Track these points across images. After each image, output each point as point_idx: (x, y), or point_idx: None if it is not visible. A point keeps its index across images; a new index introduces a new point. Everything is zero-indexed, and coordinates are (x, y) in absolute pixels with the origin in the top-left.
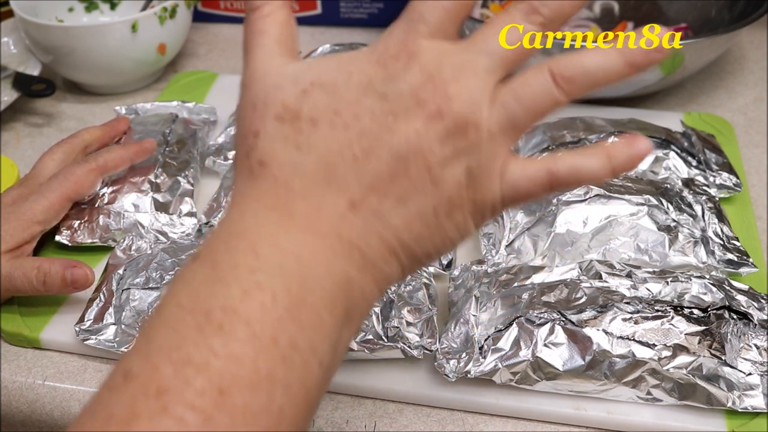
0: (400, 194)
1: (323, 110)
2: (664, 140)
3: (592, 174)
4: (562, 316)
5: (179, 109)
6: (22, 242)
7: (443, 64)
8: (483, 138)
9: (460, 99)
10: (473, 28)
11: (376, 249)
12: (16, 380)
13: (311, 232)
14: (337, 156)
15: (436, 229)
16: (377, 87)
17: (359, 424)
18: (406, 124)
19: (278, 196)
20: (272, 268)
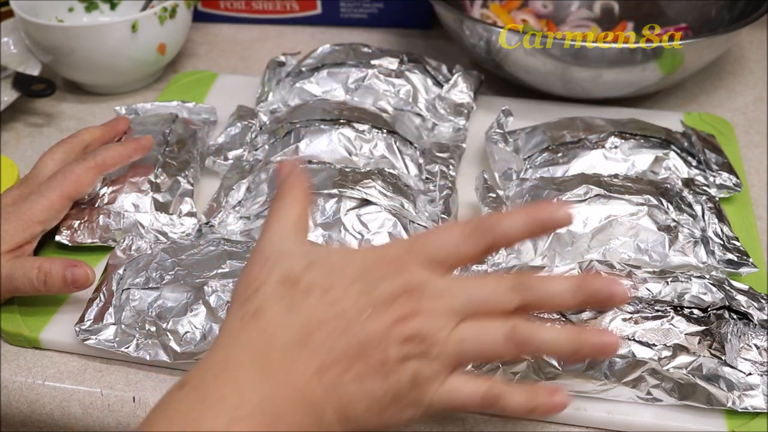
0: (359, 374)
1: (319, 284)
2: (664, 140)
3: (516, 409)
4: (562, 316)
5: (179, 109)
6: (22, 242)
7: (424, 287)
8: (434, 354)
9: (425, 317)
10: (473, 28)
11: (330, 415)
12: (16, 380)
13: (285, 384)
14: (317, 325)
15: (378, 412)
16: (367, 281)
17: None
18: (377, 319)
19: (261, 345)
20: (253, 407)
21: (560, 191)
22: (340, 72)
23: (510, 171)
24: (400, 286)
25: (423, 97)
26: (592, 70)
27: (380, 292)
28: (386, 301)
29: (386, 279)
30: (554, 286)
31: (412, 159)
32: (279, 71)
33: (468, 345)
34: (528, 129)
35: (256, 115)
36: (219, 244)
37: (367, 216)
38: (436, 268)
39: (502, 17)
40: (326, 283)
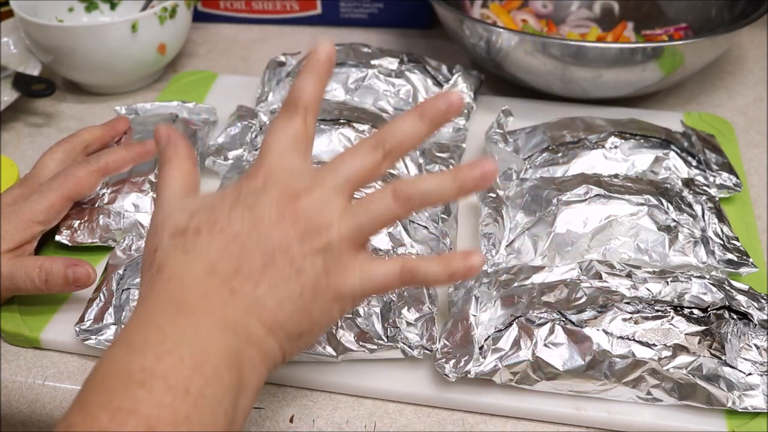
0: (271, 282)
1: (204, 222)
2: (664, 140)
3: (435, 277)
4: (562, 316)
5: (179, 109)
6: (22, 242)
7: (296, 180)
8: (334, 238)
9: (312, 207)
10: (473, 28)
11: (257, 328)
12: (16, 380)
13: (203, 315)
14: (217, 254)
15: (304, 311)
16: (245, 199)
17: (359, 424)
18: (270, 227)
19: (172, 289)
20: (176, 339)
21: (560, 191)
22: (340, 72)
23: (510, 171)
24: (275, 188)
25: (423, 97)
26: (592, 70)
27: (261, 203)
28: (271, 208)
29: (261, 190)
30: (403, 126)
31: (412, 159)
32: (279, 71)
33: (361, 218)
34: (528, 129)
35: (256, 115)
36: None
37: None
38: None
39: (502, 17)
40: (210, 219)
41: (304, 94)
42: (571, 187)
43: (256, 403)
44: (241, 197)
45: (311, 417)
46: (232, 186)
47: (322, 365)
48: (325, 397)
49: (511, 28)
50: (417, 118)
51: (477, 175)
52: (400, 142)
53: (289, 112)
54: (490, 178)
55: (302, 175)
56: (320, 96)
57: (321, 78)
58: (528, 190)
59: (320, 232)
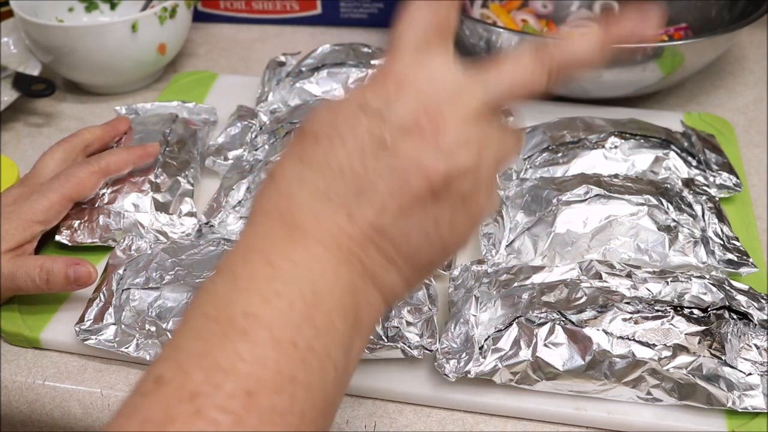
0: (400, 208)
1: (325, 126)
2: (664, 140)
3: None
4: (562, 316)
5: (179, 109)
6: (23, 242)
7: (436, 92)
8: (483, 161)
9: (456, 124)
10: (473, 28)
11: (375, 258)
12: (16, 380)
13: (315, 242)
14: (337, 170)
15: (436, 239)
16: (373, 106)
17: (359, 424)
18: (404, 143)
19: (282, 207)
20: (287, 277)
21: (560, 191)
22: (340, 72)
23: (510, 171)
24: (413, 101)
25: None
26: (592, 70)
27: (395, 116)
28: (406, 121)
29: (394, 100)
30: (579, 47)
31: None
32: (279, 71)
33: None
34: (528, 129)
35: (256, 115)
36: (219, 244)
37: None
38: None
39: (502, 17)
40: (331, 122)
41: None
42: (571, 187)
43: None
44: (369, 103)
45: None
46: (359, 88)
47: None
48: None
49: (511, 28)
50: (598, 44)
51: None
52: (568, 64)
53: None
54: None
55: (444, 79)
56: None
57: None
58: (528, 190)
59: (468, 152)
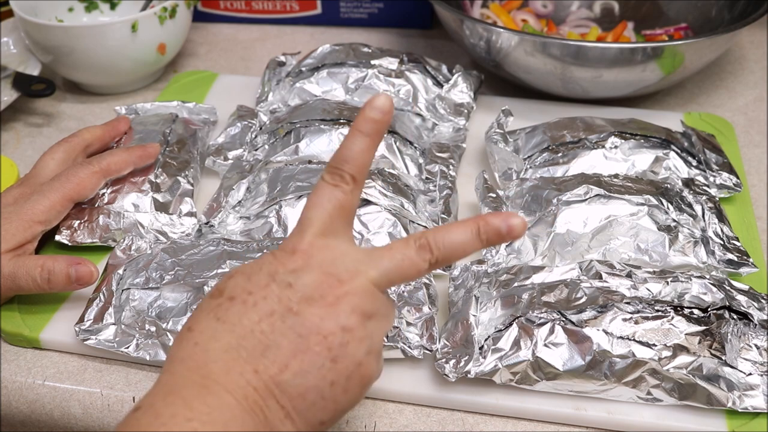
0: (300, 368)
1: (240, 290)
2: (664, 140)
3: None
4: (562, 316)
5: (179, 109)
6: (23, 241)
7: (337, 267)
8: (374, 331)
9: (353, 297)
10: (473, 28)
11: (275, 411)
12: (16, 380)
13: (225, 392)
14: (248, 330)
15: (330, 400)
16: (282, 276)
17: (359, 424)
18: (308, 310)
19: (197, 358)
20: (204, 419)
21: (560, 191)
22: (340, 72)
23: (510, 171)
24: (316, 272)
25: (423, 97)
26: (592, 70)
27: (300, 284)
28: (310, 291)
29: (300, 270)
30: (457, 236)
31: (412, 159)
32: (279, 71)
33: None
34: (528, 129)
35: (256, 115)
36: (219, 244)
37: (367, 216)
38: (330, 231)
39: (502, 17)
40: (245, 289)
41: (353, 158)
42: (571, 187)
43: None
44: (278, 273)
45: None
46: (269, 257)
47: None
48: None
49: (511, 28)
50: (474, 234)
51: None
52: (449, 253)
53: (333, 177)
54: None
55: (344, 258)
56: (370, 161)
57: (373, 140)
58: (528, 190)
59: (363, 322)
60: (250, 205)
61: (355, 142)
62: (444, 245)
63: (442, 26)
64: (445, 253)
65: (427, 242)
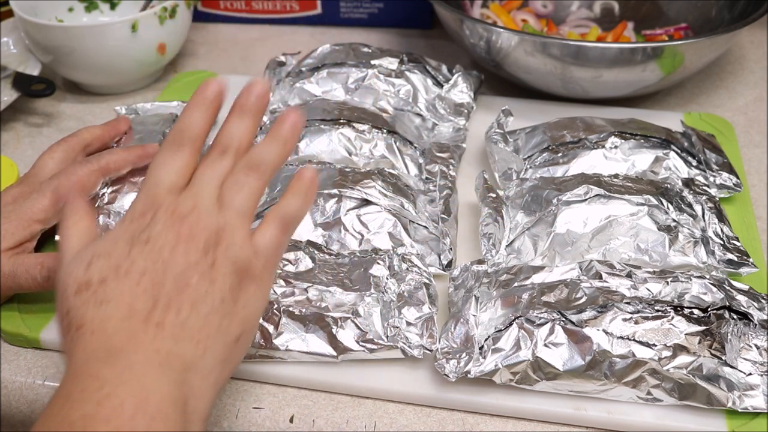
0: (191, 301)
1: (106, 270)
2: (664, 140)
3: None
4: (562, 316)
5: (179, 109)
6: (22, 240)
7: (178, 205)
8: (234, 237)
9: (201, 221)
10: (473, 28)
11: (190, 350)
12: (16, 380)
13: (135, 353)
14: (131, 296)
15: (231, 314)
16: (138, 237)
17: (359, 424)
18: (172, 252)
19: (98, 340)
20: (114, 382)
21: (560, 191)
22: (340, 72)
23: (510, 171)
24: (165, 220)
25: (423, 97)
26: (592, 70)
27: (155, 234)
28: (165, 236)
29: (150, 224)
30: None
31: (412, 159)
32: (279, 71)
33: (241, 205)
34: (528, 129)
35: None
36: None
37: (367, 216)
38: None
39: (502, 17)
40: (111, 265)
41: (193, 127)
42: (571, 187)
43: (256, 404)
44: (134, 236)
45: (311, 417)
46: (121, 229)
47: (322, 365)
48: (325, 397)
49: (511, 28)
50: (240, 116)
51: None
52: (240, 141)
53: (175, 145)
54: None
55: (180, 200)
56: (207, 130)
57: (210, 112)
58: (528, 190)
59: (219, 237)
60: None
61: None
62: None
63: (442, 26)
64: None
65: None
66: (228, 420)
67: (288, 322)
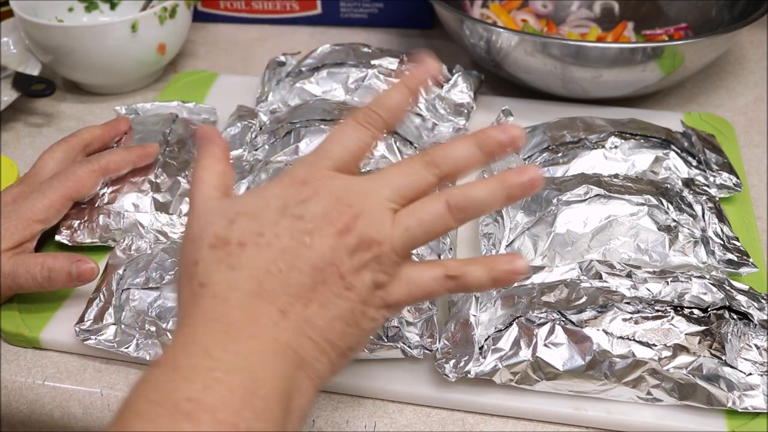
0: (322, 300)
1: (248, 234)
2: (664, 140)
3: (480, 282)
4: (562, 316)
5: (179, 109)
6: (22, 240)
7: (349, 191)
8: (385, 252)
9: (364, 220)
10: (473, 28)
11: (308, 349)
12: (16, 380)
13: (252, 337)
14: (265, 271)
15: (355, 326)
16: (292, 210)
17: (359, 424)
18: (320, 240)
19: (218, 309)
20: (227, 367)
21: (560, 191)
22: (340, 72)
23: None
24: (327, 198)
25: (423, 97)
26: (592, 70)
27: (311, 214)
28: (321, 220)
29: (310, 199)
30: (459, 151)
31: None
32: (279, 71)
33: (414, 231)
34: (528, 129)
35: (256, 115)
36: None
37: None
38: (347, 168)
39: (502, 17)
40: (254, 230)
41: (392, 107)
42: (571, 187)
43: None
44: (288, 207)
45: (311, 417)
46: (276, 189)
47: None
48: (325, 397)
49: (511, 28)
50: (475, 146)
51: (525, 181)
52: (455, 167)
53: (367, 117)
54: (537, 185)
55: (354, 185)
56: (402, 116)
57: (413, 97)
58: None
59: (371, 246)
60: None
61: (397, 93)
62: (448, 158)
63: (442, 26)
64: (451, 166)
65: (432, 158)
66: None
67: None
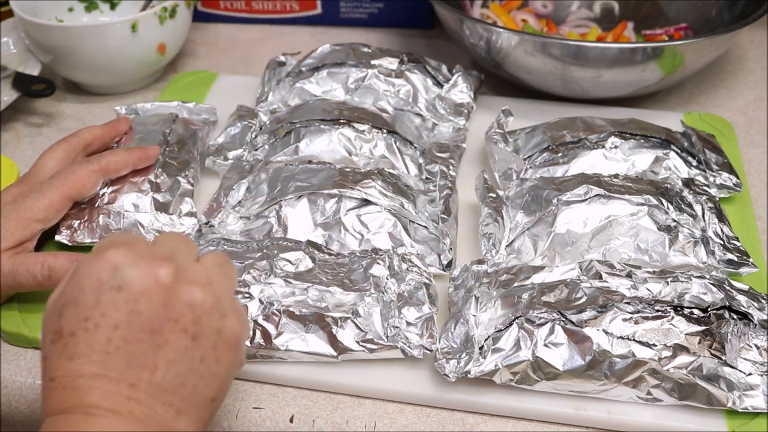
0: (167, 360)
1: (75, 322)
2: (664, 140)
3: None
4: (562, 316)
5: (179, 109)
6: (22, 240)
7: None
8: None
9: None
10: (473, 28)
11: (164, 413)
12: (16, 380)
13: (112, 413)
14: (104, 354)
15: (209, 375)
16: (109, 283)
17: (359, 424)
18: (147, 303)
19: (71, 398)
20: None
21: (560, 191)
22: (340, 72)
23: (510, 171)
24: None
25: (423, 97)
26: (592, 70)
27: (131, 279)
28: (141, 282)
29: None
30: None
31: (412, 159)
32: (279, 71)
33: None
34: (528, 129)
35: (256, 115)
36: (219, 244)
37: (367, 216)
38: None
39: (502, 17)
40: (79, 317)
41: None
42: (571, 187)
43: (256, 404)
44: (103, 284)
45: (311, 417)
46: (85, 269)
47: (322, 365)
48: (325, 397)
49: (511, 28)
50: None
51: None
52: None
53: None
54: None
55: (164, 239)
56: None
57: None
58: (528, 190)
59: (205, 292)
60: (250, 205)
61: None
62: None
63: (442, 26)
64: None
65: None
66: (228, 420)
67: (288, 322)
